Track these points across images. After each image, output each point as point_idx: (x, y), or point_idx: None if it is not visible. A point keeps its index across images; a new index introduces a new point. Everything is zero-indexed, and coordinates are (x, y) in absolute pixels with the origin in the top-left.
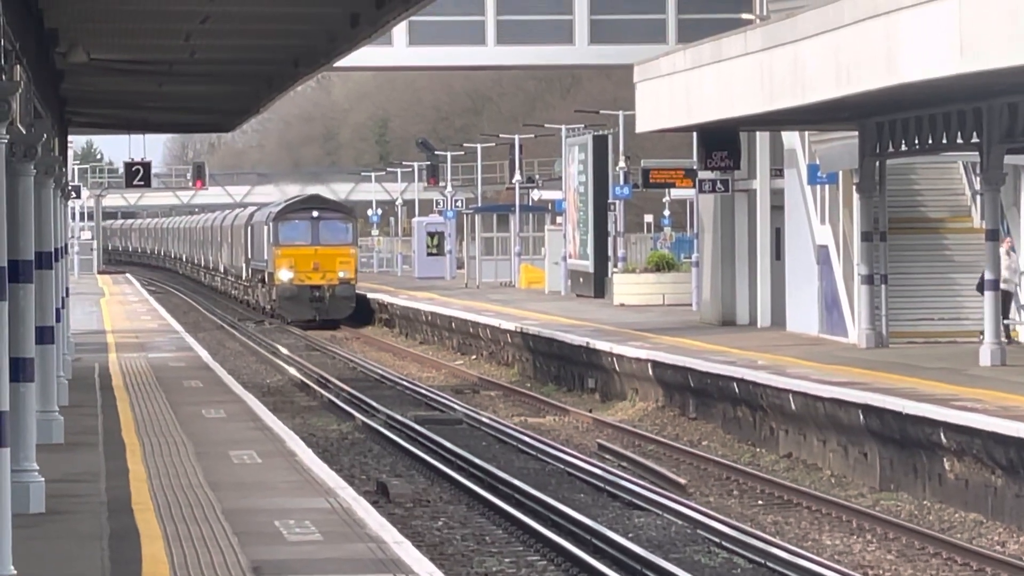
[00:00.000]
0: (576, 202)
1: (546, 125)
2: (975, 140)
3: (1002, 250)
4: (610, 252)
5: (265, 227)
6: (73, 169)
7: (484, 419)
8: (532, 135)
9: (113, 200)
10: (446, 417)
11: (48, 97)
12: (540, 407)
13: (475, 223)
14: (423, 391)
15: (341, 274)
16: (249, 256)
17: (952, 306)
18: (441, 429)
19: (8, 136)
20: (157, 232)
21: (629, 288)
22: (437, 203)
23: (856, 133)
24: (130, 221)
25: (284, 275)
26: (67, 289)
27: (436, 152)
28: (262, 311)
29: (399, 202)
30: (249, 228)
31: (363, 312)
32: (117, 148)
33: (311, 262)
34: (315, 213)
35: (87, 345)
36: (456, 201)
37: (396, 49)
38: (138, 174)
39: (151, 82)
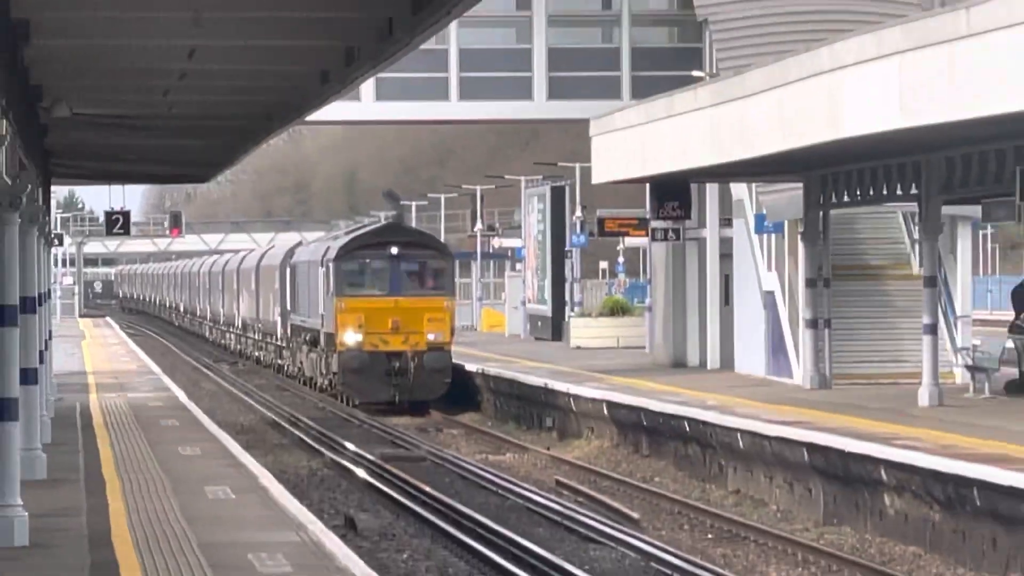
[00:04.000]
0: (535, 249)
1: (506, 176)
2: (914, 192)
3: None
4: (567, 297)
5: (320, 269)
6: (56, 217)
7: (447, 456)
8: (493, 186)
9: (94, 247)
10: (411, 454)
11: (33, 149)
12: (501, 445)
13: None
14: (389, 430)
15: (431, 336)
16: (288, 308)
17: (893, 349)
18: (406, 466)
19: None
20: (153, 278)
21: (585, 331)
22: None
23: (801, 185)
24: (136, 266)
25: (349, 338)
26: (50, 332)
27: (402, 202)
28: (309, 384)
29: None
30: (289, 270)
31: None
32: (98, 197)
33: (388, 319)
34: (394, 250)
35: (69, 385)
36: None
37: (364, 104)
38: (118, 223)
39: (131, 136)
